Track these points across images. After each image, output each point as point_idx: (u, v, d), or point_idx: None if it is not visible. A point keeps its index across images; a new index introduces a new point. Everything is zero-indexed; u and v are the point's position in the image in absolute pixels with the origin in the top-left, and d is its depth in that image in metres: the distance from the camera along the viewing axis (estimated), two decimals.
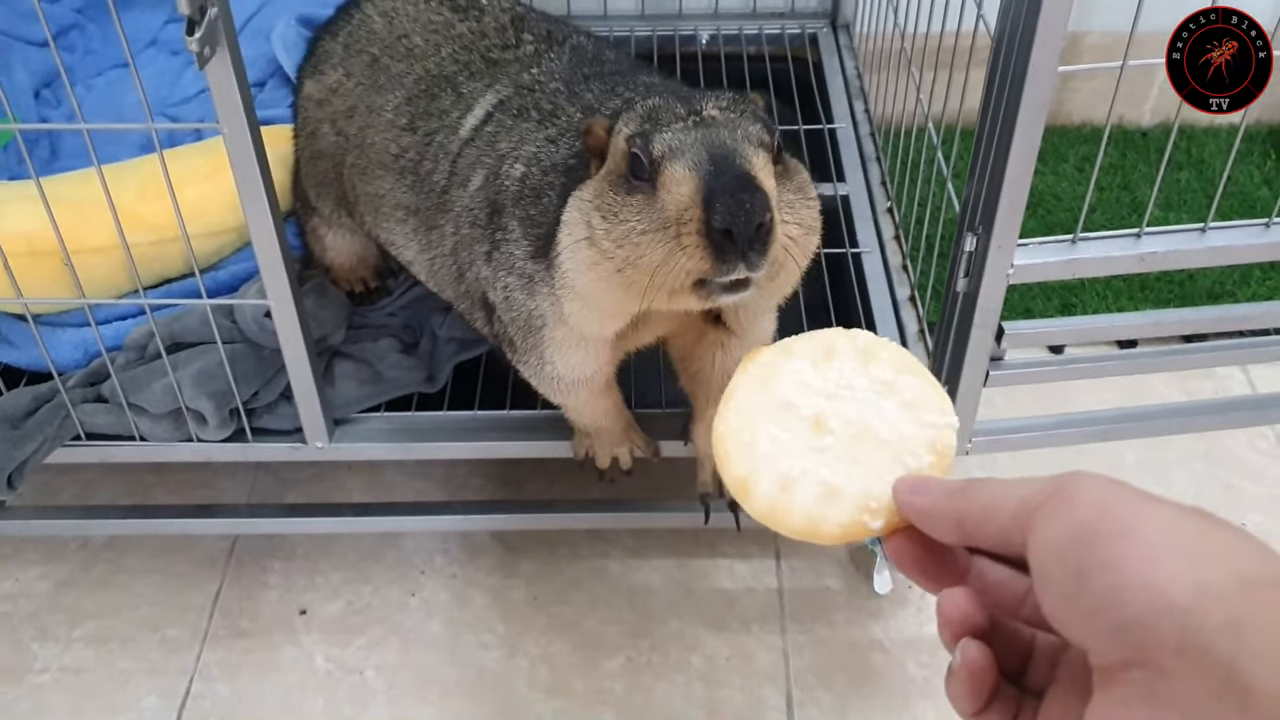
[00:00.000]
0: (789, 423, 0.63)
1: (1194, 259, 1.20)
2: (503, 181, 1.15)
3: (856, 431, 0.61)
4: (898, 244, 1.64)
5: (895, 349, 0.65)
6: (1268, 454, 1.72)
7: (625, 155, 0.95)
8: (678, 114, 0.95)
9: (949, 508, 0.55)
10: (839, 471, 0.60)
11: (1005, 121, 1.06)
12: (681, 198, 0.90)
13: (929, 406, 0.62)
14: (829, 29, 2.06)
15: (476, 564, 1.60)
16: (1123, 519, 0.47)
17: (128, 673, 1.50)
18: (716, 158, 0.90)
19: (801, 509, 0.60)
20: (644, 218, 0.93)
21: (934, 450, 0.61)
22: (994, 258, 1.16)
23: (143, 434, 1.36)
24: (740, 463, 0.62)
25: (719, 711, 1.44)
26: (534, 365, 1.22)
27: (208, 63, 1.03)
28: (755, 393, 0.65)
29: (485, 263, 1.17)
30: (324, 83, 1.38)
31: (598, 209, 0.96)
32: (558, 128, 1.15)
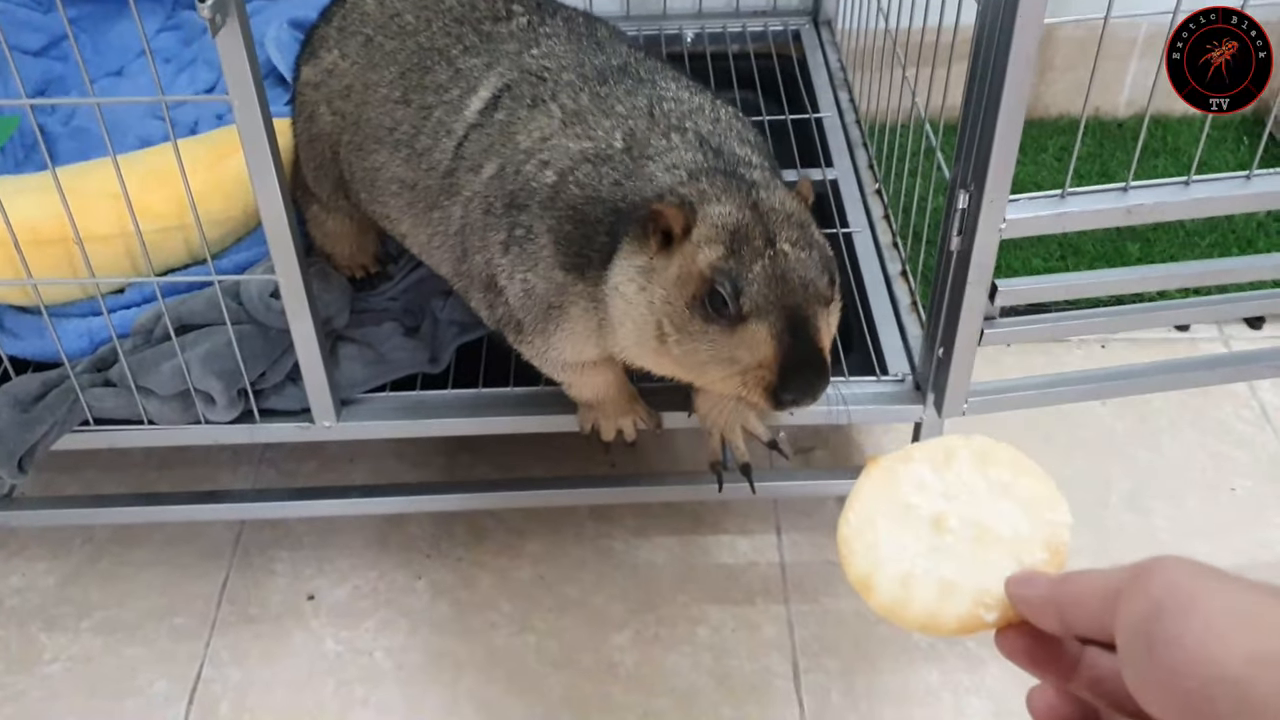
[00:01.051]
0: (909, 523, 0.65)
1: (1179, 210, 1.23)
2: (527, 180, 1.16)
3: (975, 531, 0.64)
4: (887, 223, 1.67)
5: (1012, 451, 0.68)
6: (1253, 423, 1.75)
7: (705, 282, 1.00)
8: (758, 248, 0.99)
9: (1051, 598, 0.57)
10: (957, 569, 0.63)
11: (995, 72, 1.09)
12: (759, 357, 0.99)
13: (1044, 505, 0.65)
14: (811, 25, 2.10)
15: (482, 547, 1.62)
16: (1189, 594, 0.49)
17: (137, 660, 1.50)
18: (795, 327, 0.98)
19: (921, 604, 0.62)
20: (717, 351, 1.01)
21: (1048, 548, 0.63)
22: (986, 212, 1.19)
23: (151, 417, 1.38)
24: (862, 562, 0.65)
25: (727, 680, 1.46)
26: (539, 348, 1.25)
27: (219, 30, 1.06)
28: (877, 496, 0.67)
29: (501, 252, 1.19)
30: (320, 65, 1.40)
31: (670, 318, 1.02)
32: (594, 144, 1.14)
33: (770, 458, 1.43)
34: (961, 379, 1.33)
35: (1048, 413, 1.72)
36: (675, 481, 1.54)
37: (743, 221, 1.01)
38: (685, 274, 1.01)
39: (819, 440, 1.72)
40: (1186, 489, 1.66)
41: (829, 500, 1.65)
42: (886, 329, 1.50)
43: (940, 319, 1.31)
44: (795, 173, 1.76)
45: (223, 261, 1.52)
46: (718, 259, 0.99)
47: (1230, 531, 1.60)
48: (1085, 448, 1.71)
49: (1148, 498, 1.64)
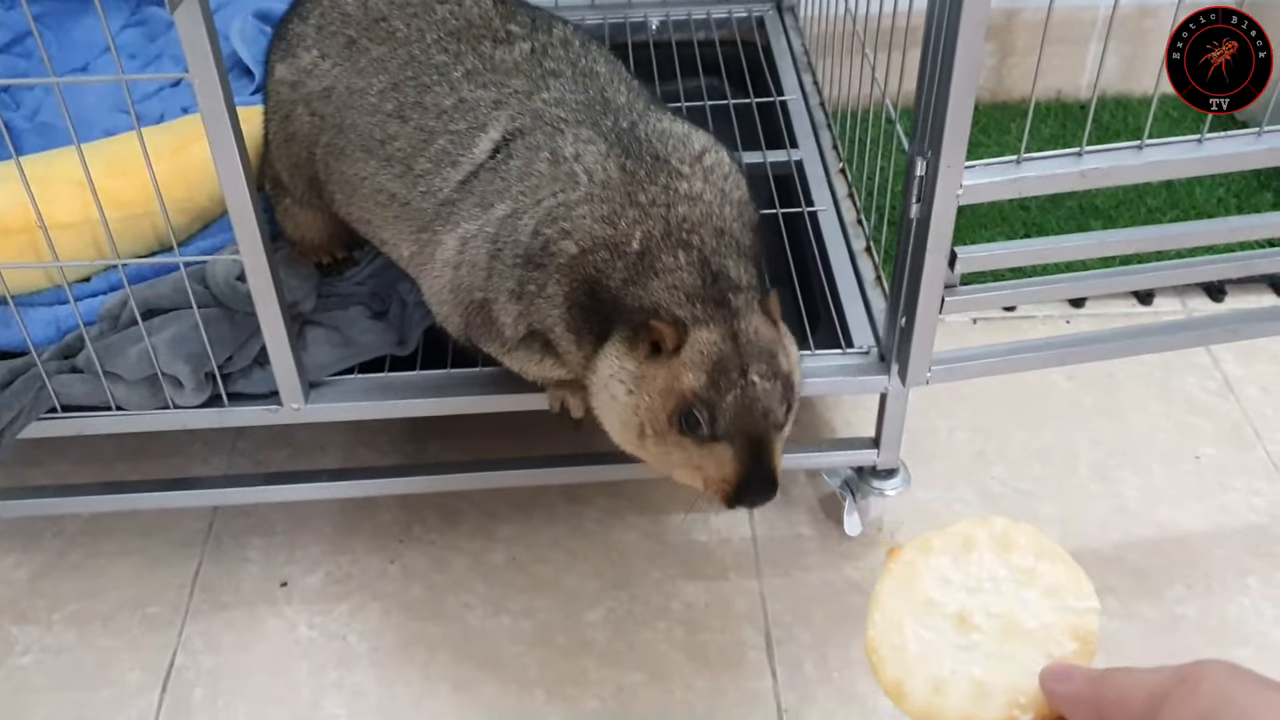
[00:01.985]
0: (934, 622, 0.65)
1: (1133, 174, 1.25)
2: (547, 243, 1.19)
3: (1001, 626, 0.64)
4: (851, 201, 1.68)
5: (1032, 532, 0.68)
6: (1216, 393, 1.77)
7: (686, 404, 1.11)
8: (733, 379, 1.11)
9: (1089, 695, 0.57)
10: (988, 668, 0.63)
11: (949, 36, 1.11)
12: (722, 473, 1.13)
13: (1069, 591, 0.65)
14: (774, 11, 2.12)
15: (455, 530, 1.62)
16: (1242, 706, 0.49)
17: (110, 650, 1.50)
18: (756, 450, 1.12)
19: (955, 709, 0.62)
20: (687, 458, 1.14)
21: (1077, 637, 0.63)
22: (944, 178, 1.20)
23: (119, 402, 1.38)
24: (893, 668, 0.65)
25: (701, 653, 1.47)
26: (528, 367, 1.32)
27: (177, 6, 1.06)
28: (900, 595, 0.67)
29: (509, 299, 1.23)
30: (297, 64, 1.40)
31: (651, 424, 1.14)
32: (615, 233, 1.17)
33: None
34: (924, 347, 1.34)
35: (1015, 387, 1.74)
36: None
37: (724, 352, 1.12)
38: (669, 389, 1.12)
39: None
40: (1152, 458, 1.68)
41: (799, 475, 1.66)
42: (851, 303, 1.51)
43: (902, 288, 1.33)
44: (761, 154, 1.77)
45: (188, 248, 1.52)
46: (700, 387, 1.11)
47: (1195, 498, 1.62)
48: (1052, 420, 1.73)
49: (1114, 467, 1.66)
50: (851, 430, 1.72)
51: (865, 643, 0.66)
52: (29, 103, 1.85)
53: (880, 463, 1.49)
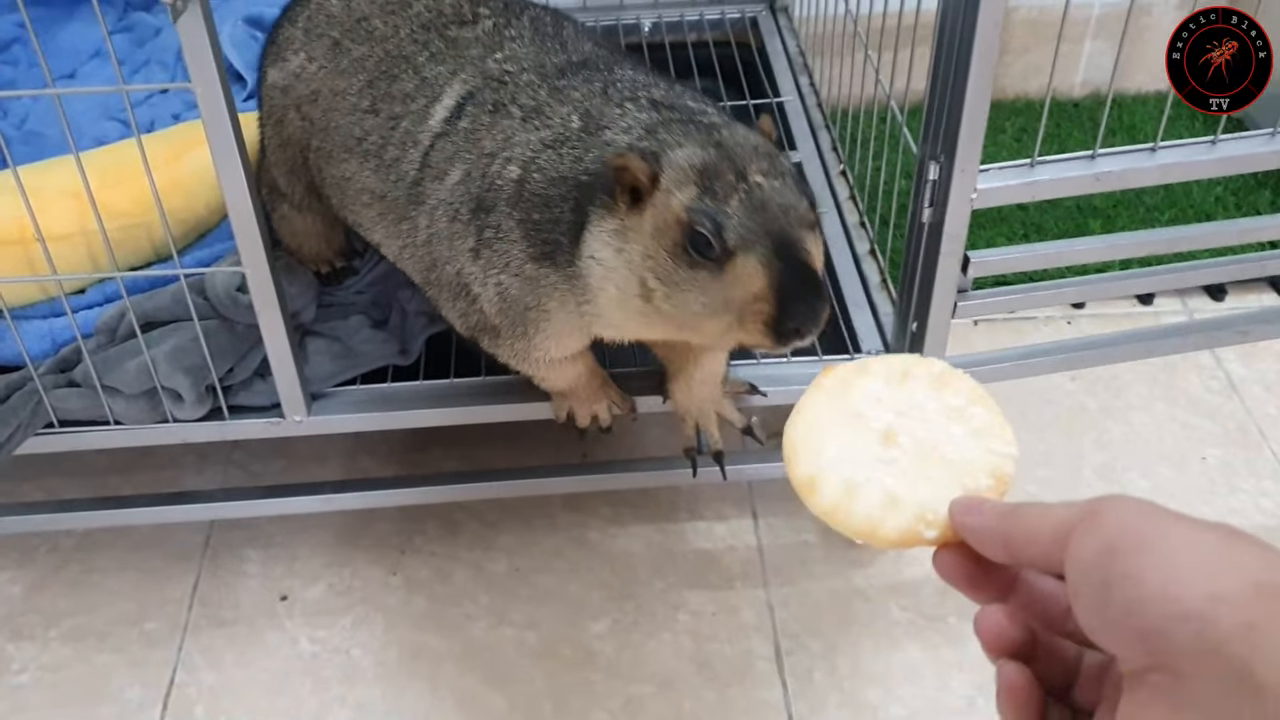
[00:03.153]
0: (859, 432, 0.65)
1: (1146, 177, 1.24)
2: (492, 180, 1.14)
3: (923, 449, 0.64)
4: (853, 203, 1.67)
5: (968, 380, 0.68)
6: (1220, 394, 1.77)
7: (684, 226, 0.97)
8: (730, 182, 0.97)
9: (997, 528, 0.57)
10: (902, 483, 0.63)
11: (963, 40, 1.09)
12: (754, 291, 0.95)
13: (994, 436, 0.65)
14: (768, 12, 2.10)
15: (455, 540, 1.60)
16: (1144, 534, 0.49)
17: (109, 666, 1.48)
18: (785, 252, 0.95)
19: (863, 512, 0.62)
20: (709, 295, 0.97)
21: (993, 475, 0.63)
22: (958, 183, 1.19)
23: (117, 416, 1.35)
24: (807, 463, 0.64)
25: (709, 664, 1.45)
26: (519, 350, 1.24)
27: (181, 15, 1.04)
28: (829, 403, 0.67)
29: (471, 259, 1.18)
30: (287, 69, 1.38)
31: (653, 271, 0.99)
32: (552, 131, 1.13)
33: (744, 442, 1.42)
34: (936, 352, 1.33)
35: (1020, 390, 1.73)
36: (648, 468, 1.53)
37: (710, 159, 0.98)
38: (661, 223, 0.99)
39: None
40: (1158, 460, 1.67)
41: None
42: (858, 308, 1.50)
43: (913, 293, 1.32)
44: None
45: (185, 258, 1.49)
46: (692, 200, 0.97)
47: (1203, 499, 1.62)
48: (1058, 423, 1.72)
49: (1121, 470, 1.65)
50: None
51: (784, 439, 0.66)
52: (16, 111, 1.82)
53: None
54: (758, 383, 1.40)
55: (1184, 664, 0.46)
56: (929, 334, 1.31)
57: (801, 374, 1.40)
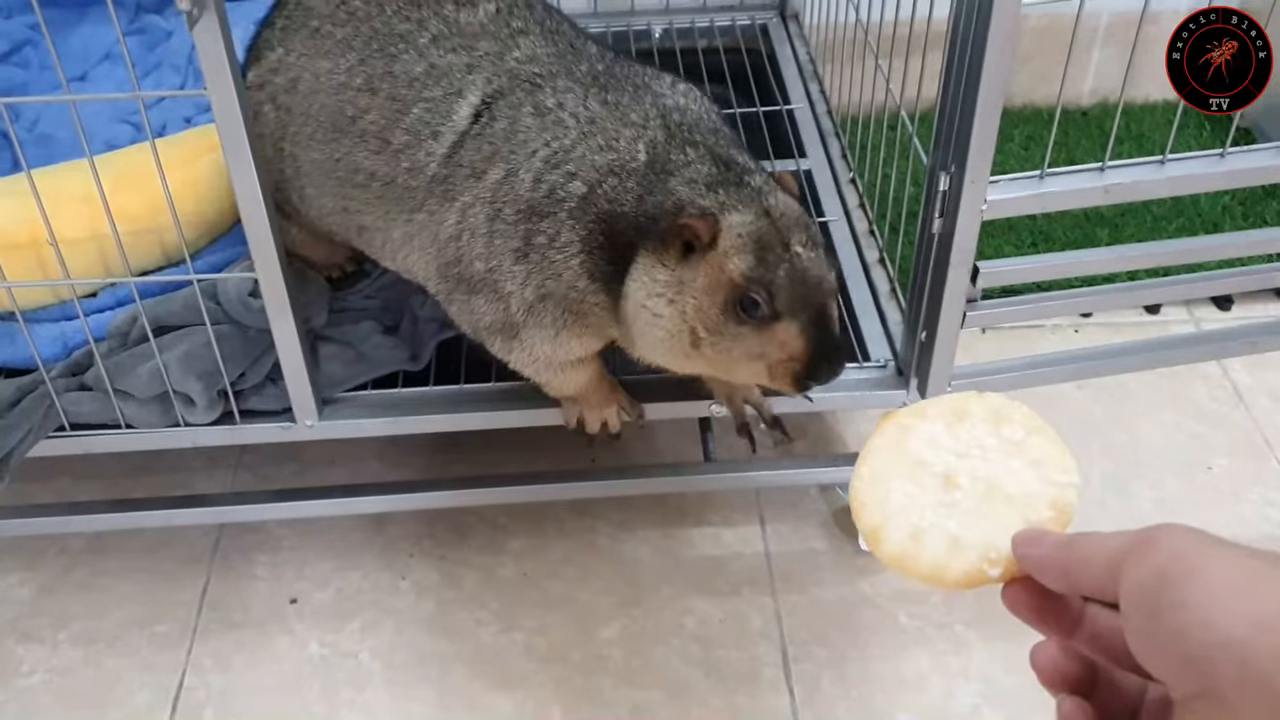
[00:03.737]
0: (921, 479, 0.66)
1: (1155, 189, 1.24)
2: (553, 190, 1.17)
3: (984, 488, 0.65)
4: (862, 211, 1.68)
5: (1026, 411, 0.69)
6: (1226, 403, 1.77)
7: (739, 289, 1.08)
8: (779, 254, 1.08)
9: (1056, 559, 0.58)
10: (965, 524, 0.64)
11: (974, 51, 1.10)
12: (790, 352, 1.09)
13: (1054, 465, 0.66)
14: (778, 19, 2.11)
15: (465, 544, 1.61)
16: (1192, 562, 0.50)
17: (118, 670, 1.48)
18: (820, 322, 1.09)
19: (929, 558, 0.63)
20: (749, 348, 1.10)
21: (1054, 507, 0.64)
22: (968, 194, 1.19)
23: (129, 420, 1.36)
24: (873, 515, 0.66)
25: (717, 671, 1.45)
26: (541, 352, 1.27)
27: (197, 22, 1.05)
28: (890, 451, 0.68)
29: (514, 259, 1.20)
30: (263, 66, 1.38)
31: (704, 324, 1.10)
32: (618, 157, 1.17)
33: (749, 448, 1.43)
34: (944, 362, 1.33)
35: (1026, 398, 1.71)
36: (657, 474, 1.54)
37: (762, 229, 1.09)
38: (716, 282, 1.09)
39: (799, 431, 1.72)
40: (1165, 469, 1.67)
41: (811, 490, 1.65)
42: (866, 316, 1.51)
43: (922, 302, 1.32)
44: (770, 163, 1.76)
45: (196, 263, 1.49)
46: (749, 268, 1.07)
47: (1209, 509, 1.62)
48: (1065, 432, 1.67)
49: (1128, 479, 1.66)
50: (860, 439, 1.71)
51: (850, 491, 0.68)
52: (28, 114, 1.82)
53: None
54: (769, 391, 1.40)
55: (1228, 691, 0.47)
56: (938, 343, 1.31)
57: None
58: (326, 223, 1.40)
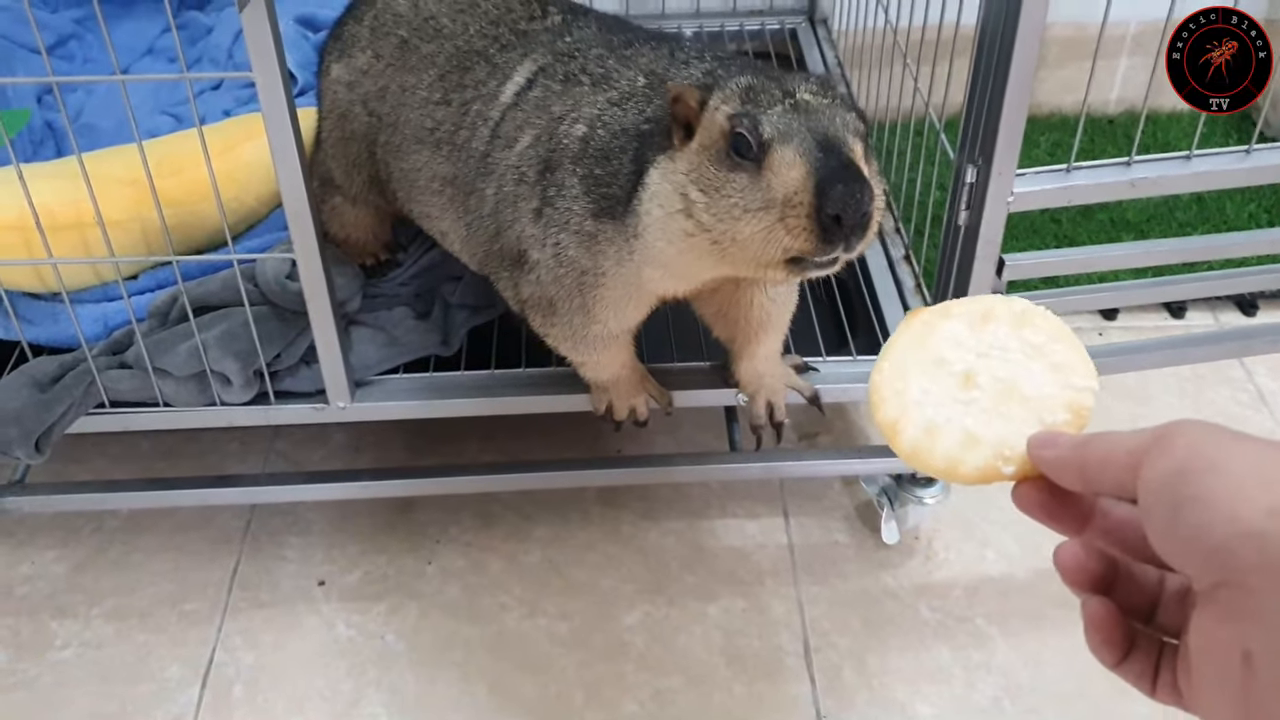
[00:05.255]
0: (940, 377, 0.67)
1: (1181, 184, 1.26)
2: (559, 140, 1.19)
3: (1002, 388, 0.66)
4: (889, 211, 1.69)
5: (1049, 317, 0.70)
6: (1249, 405, 1.78)
7: (727, 133, 0.99)
8: (776, 96, 1.00)
9: (1073, 458, 0.59)
10: (981, 422, 0.65)
11: (1003, 41, 1.12)
12: (792, 181, 0.95)
13: (1073, 370, 0.67)
14: (807, 24, 2.14)
15: (490, 531, 1.63)
16: (1211, 456, 0.51)
17: (149, 645, 1.51)
18: (825, 145, 0.95)
19: (943, 451, 0.65)
20: (748, 196, 0.98)
21: (1071, 410, 0.65)
22: (995, 185, 1.21)
23: (167, 398, 1.39)
24: (891, 408, 0.67)
25: (739, 659, 1.47)
26: (575, 324, 1.26)
27: (246, 6, 1.08)
28: (912, 348, 0.69)
29: (533, 220, 1.21)
30: (353, 65, 1.41)
31: (696, 183, 1.01)
32: (619, 90, 1.18)
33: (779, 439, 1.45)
34: None
35: None
36: (682, 463, 1.55)
37: (758, 82, 1.02)
38: (708, 138, 1.01)
39: (824, 425, 1.74)
40: None
41: (835, 482, 1.67)
42: (891, 310, 1.52)
43: (948, 295, 1.34)
44: None
45: (236, 247, 1.53)
46: (734, 108, 1.00)
47: None
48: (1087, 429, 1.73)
49: None
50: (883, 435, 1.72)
51: (869, 384, 0.69)
52: (72, 104, 1.86)
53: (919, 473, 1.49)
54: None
55: (1250, 579, 0.48)
56: None
57: (849, 372, 1.43)
58: (418, 222, 1.45)
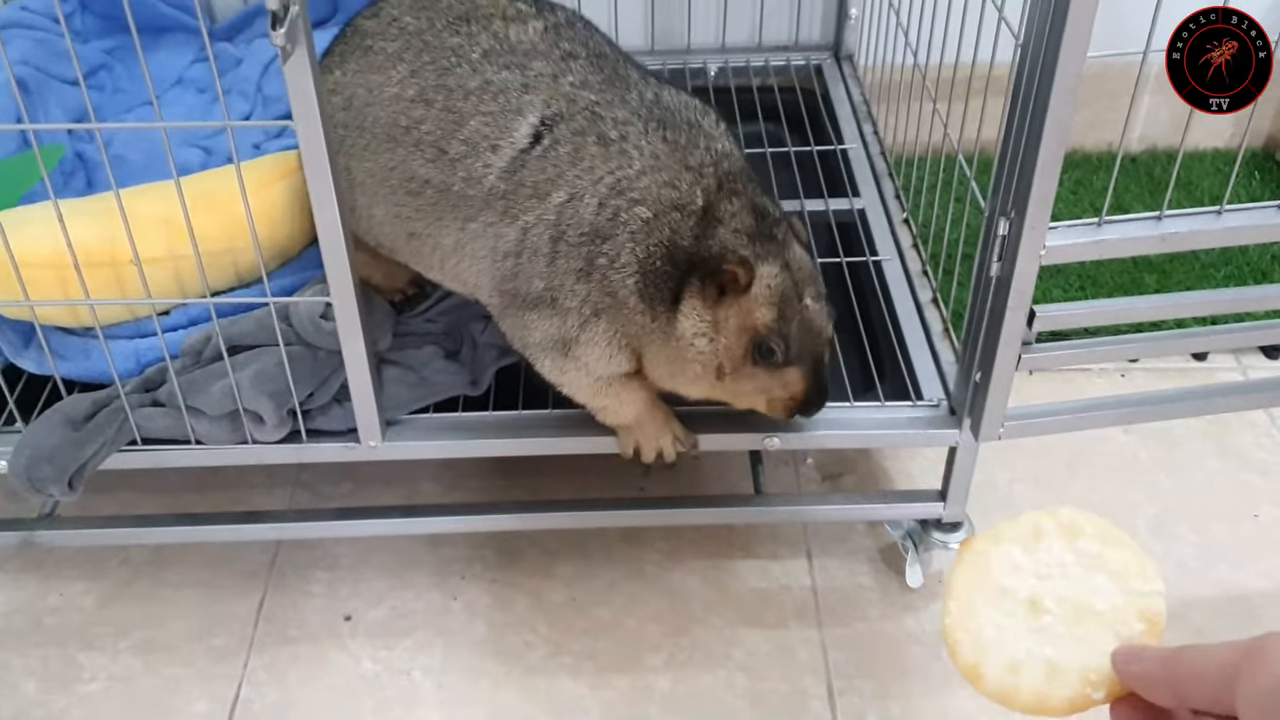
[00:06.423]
0: (1007, 607, 0.67)
1: (1212, 239, 1.26)
2: (616, 213, 1.25)
3: (1071, 609, 0.66)
4: (916, 252, 1.70)
5: (1098, 521, 0.70)
6: (1273, 452, 1.78)
7: (761, 337, 1.24)
8: (795, 307, 1.24)
9: (1163, 675, 0.58)
10: (1060, 649, 0.64)
11: (1038, 101, 1.13)
12: (793, 392, 1.28)
13: (1135, 575, 0.66)
14: (832, 60, 2.14)
15: (515, 568, 1.64)
16: None
17: (177, 679, 1.52)
18: (816, 369, 1.28)
19: (1030, 689, 0.64)
20: (759, 385, 1.28)
21: (1144, 618, 0.64)
22: (1027, 239, 1.22)
23: (199, 436, 1.40)
24: (969, 652, 0.67)
25: (763, 701, 1.47)
26: (591, 367, 1.32)
27: (289, 58, 1.09)
28: (973, 582, 0.69)
29: (576, 279, 1.28)
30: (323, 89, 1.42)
31: (730, 362, 1.26)
32: (680, 195, 1.26)
33: (798, 483, 1.46)
34: (999, 403, 1.35)
35: (1071, 442, 1.75)
36: (706, 505, 1.56)
37: (785, 284, 1.24)
38: (744, 326, 1.24)
39: (847, 466, 1.75)
40: (1210, 516, 1.68)
41: (859, 526, 1.68)
42: (919, 355, 1.53)
43: (978, 344, 1.34)
44: (823, 202, 1.79)
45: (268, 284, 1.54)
46: (773, 320, 1.24)
47: (1256, 557, 1.63)
48: (1110, 476, 1.74)
49: (1172, 524, 1.67)
50: (907, 477, 1.73)
51: (942, 629, 0.69)
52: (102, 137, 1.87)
53: (946, 515, 1.50)
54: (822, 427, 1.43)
55: None
56: (993, 385, 1.33)
57: (877, 419, 1.44)
58: (376, 233, 1.44)
